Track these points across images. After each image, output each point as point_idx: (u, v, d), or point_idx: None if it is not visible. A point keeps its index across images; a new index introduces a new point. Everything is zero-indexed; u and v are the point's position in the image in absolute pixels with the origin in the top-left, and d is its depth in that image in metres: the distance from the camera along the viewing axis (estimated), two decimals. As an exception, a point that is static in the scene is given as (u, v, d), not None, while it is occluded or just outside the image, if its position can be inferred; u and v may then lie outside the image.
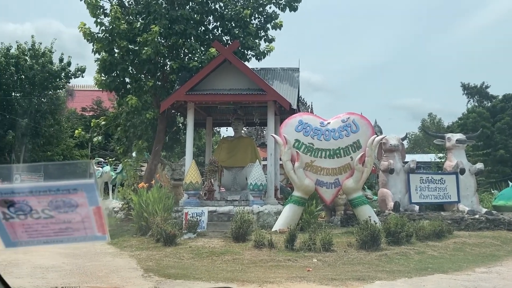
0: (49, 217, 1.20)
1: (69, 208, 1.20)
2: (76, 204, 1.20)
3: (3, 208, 1.15)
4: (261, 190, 12.84)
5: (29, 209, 1.17)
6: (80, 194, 1.18)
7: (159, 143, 15.30)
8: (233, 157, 14.98)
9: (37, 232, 1.23)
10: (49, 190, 1.15)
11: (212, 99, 13.32)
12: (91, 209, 1.22)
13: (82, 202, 1.19)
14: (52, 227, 1.23)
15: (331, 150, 11.70)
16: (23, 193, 1.15)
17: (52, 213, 1.19)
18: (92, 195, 1.20)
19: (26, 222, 1.20)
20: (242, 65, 13.33)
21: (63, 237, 1.26)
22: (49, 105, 37.85)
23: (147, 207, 11.32)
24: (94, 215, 1.24)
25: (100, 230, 1.26)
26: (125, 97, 14.06)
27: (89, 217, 1.23)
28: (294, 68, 15.44)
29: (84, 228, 1.25)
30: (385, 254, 8.67)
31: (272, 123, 13.57)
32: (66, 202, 1.19)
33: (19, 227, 1.20)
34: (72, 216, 1.22)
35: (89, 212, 1.22)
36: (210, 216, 12.31)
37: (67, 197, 1.17)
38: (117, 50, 13.88)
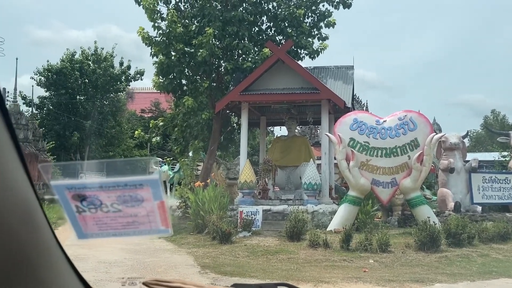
0: (117, 211, 1.25)
1: (136, 202, 1.24)
2: (142, 198, 1.24)
3: (76, 202, 1.22)
4: (316, 189, 12.78)
5: (99, 203, 1.23)
6: (146, 189, 1.22)
7: (215, 143, 15.60)
8: (287, 156, 15.01)
9: (106, 225, 1.28)
10: (118, 185, 1.21)
11: (265, 98, 13.42)
12: (156, 203, 1.26)
13: (148, 197, 1.23)
14: (120, 221, 1.28)
15: (388, 148, 11.43)
16: (94, 188, 1.22)
17: (120, 207, 1.24)
18: (157, 190, 1.23)
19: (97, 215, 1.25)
20: (295, 64, 13.33)
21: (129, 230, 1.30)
22: (110, 107, 39.65)
23: (203, 206, 11.59)
24: (158, 209, 1.27)
25: (163, 224, 1.30)
26: (182, 98, 14.46)
27: (154, 211, 1.27)
28: (348, 66, 15.23)
29: (149, 221, 1.28)
30: (445, 256, 8.37)
31: (326, 122, 13.47)
32: (133, 197, 1.23)
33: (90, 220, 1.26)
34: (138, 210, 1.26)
35: (154, 206, 1.26)
36: (265, 215, 12.41)
37: (134, 192, 1.22)
38: (174, 53, 14.30)
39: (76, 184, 1.20)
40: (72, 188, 1.19)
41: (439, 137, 11.84)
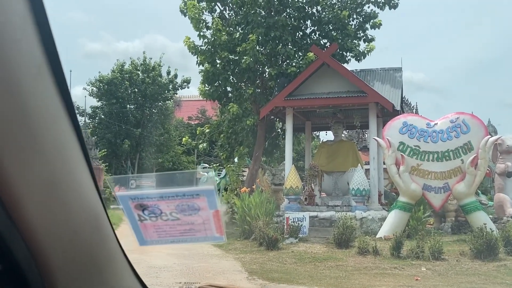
0: (176, 219, 1.32)
1: (193, 211, 1.31)
2: (199, 207, 1.30)
3: (138, 211, 1.29)
4: (364, 195, 12.50)
5: (159, 212, 1.30)
6: (202, 199, 1.28)
7: (260, 149, 15.62)
8: (333, 162, 14.78)
9: (165, 232, 1.35)
10: (176, 195, 1.28)
11: (310, 103, 13.30)
12: (211, 212, 1.32)
13: (204, 206, 1.30)
14: (178, 228, 1.35)
15: (439, 152, 11.01)
16: (155, 198, 1.28)
17: (178, 215, 1.31)
18: (212, 199, 1.29)
19: (157, 223, 1.32)
20: (341, 68, 13.13)
21: (187, 237, 1.36)
22: (159, 115, 40.73)
23: (249, 211, 11.60)
24: (213, 218, 1.33)
25: (218, 232, 1.37)
26: (227, 105, 14.60)
27: (209, 219, 1.33)
28: (396, 68, 14.83)
29: (205, 229, 1.35)
30: (504, 265, 7.91)
31: (374, 125, 13.17)
32: (190, 206, 1.30)
33: (150, 227, 1.33)
34: (195, 218, 1.32)
35: (209, 215, 1.32)
36: (311, 221, 12.26)
37: (191, 201, 1.28)
38: (219, 61, 14.47)
39: (138, 194, 1.27)
40: (135, 198, 1.26)
41: (495, 139, 11.28)
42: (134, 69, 38.87)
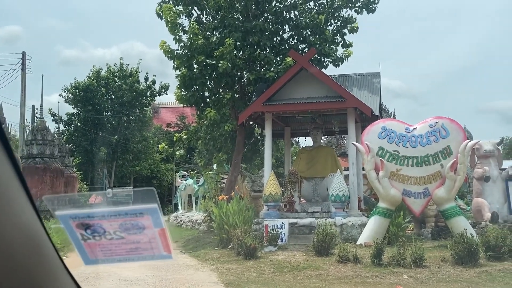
0: (120, 238, 1.33)
1: (137, 230, 1.32)
2: (143, 226, 1.31)
3: (80, 230, 1.29)
4: (344, 201, 12.32)
5: (103, 231, 1.31)
6: (146, 218, 1.29)
7: (238, 155, 15.33)
8: (312, 167, 14.60)
9: (110, 251, 1.36)
10: (119, 214, 1.29)
11: (289, 108, 13.11)
12: (156, 230, 1.33)
13: (148, 224, 1.30)
14: (123, 247, 1.35)
15: (419, 157, 10.91)
16: (97, 217, 1.29)
17: (123, 234, 1.32)
18: (157, 218, 1.30)
19: (101, 242, 1.33)
20: (319, 73, 12.99)
21: (133, 256, 1.38)
22: (136, 122, 40.05)
23: (227, 219, 11.28)
24: (159, 236, 1.34)
25: (166, 250, 1.38)
26: (205, 110, 14.29)
27: (155, 238, 1.34)
28: (374, 73, 14.79)
29: (152, 248, 1.36)
30: (485, 271, 7.78)
31: (353, 131, 13.04)
32: (134, 225, 1.30)
33: (95, 247, 1.34)
34: (140, 237, 1.33)
35: (155, 233, 1.33)
36: (291, 228, 12.01)
37: (134, 220, 1.29)
38: (196, 65, 14.17)
39: (79, 213, 1.28)
40: (76, 217, 1.28)
41: (474, 144, 11.25)
42: (110, 76, 38.20)
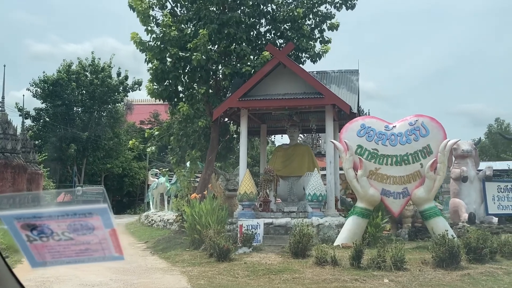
0: (69, 239, 1.29)
1: (87, 230, 1.28)
2: (93, 227, 1.28)
3: (26, 231, 1.25)
4: (321, 201, 11.94)
5: (50, 232, 1.27)
6: (96, 218, 1.26)
7: (213, 152, 14.79)
8: (289, 166, 14.20)
9: (59, 253, 1.31)
10: (67, 214, 1.24)
11: (266, 104, 12.64)
12: (107, 231, 1.30)
13: (98, 225, 1.27)
14: (72, 248, 1.31)
15: (398, 156, 10.61)
16: (44, 217, 1.24)
17: (71, 235, 1.28)
18: (107, 218, 1.26)
19: (49, 244, 1.28)
20: (297, 68, 12.57)
21: (83, 257, 1.33)
22: (108, 118, 38.91)
23: (200, 219, 10.74)
24: (110, 237, 1.31)
25: (117, 251, 1.36)
26: (177, 105, 13.68)
27: (106, 238, 1.31)
28: (352, 71, 14.47)
29: (102, 249, 1.32)
30: (467, 274, 7.49)
31: (330, 128, 12.67)
32: (83, 225, 1.27)
33: (42, 248, 1.29)
34: (90, 238, 1.29)
35: (105, 234, 1.31)
36: (266, 228, 11.55)
37: (84, 220, 1.26)
38: (169, 58, 13.55)
39: (24, 214, 1.26)
40: (21, 218, 1.26)
41: (454, 143, 11.02)
42: (81, 70, 36.99)
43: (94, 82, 36.70)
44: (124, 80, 38.58)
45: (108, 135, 38.71)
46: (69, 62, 37.26)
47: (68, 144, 36.36)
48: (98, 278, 7.54)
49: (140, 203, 40.21)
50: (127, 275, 7.97)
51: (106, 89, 37.04)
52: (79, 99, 37.46)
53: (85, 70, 37.32)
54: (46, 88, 35.68)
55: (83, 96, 37.52)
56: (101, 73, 37.25)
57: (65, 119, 36.87)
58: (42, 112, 36.69)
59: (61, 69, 36.55)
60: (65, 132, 36.39)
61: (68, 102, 36.33)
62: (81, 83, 36.62)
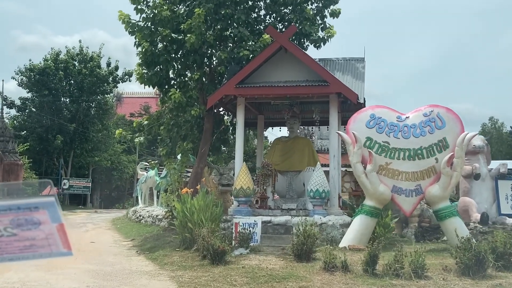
0: (12, 235, 1.20)
1: (32, 225, 1.20)
2: (39, 221, 1.20)
3: None
4: (324, 198, 10.96)
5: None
6: (42, 212, 1.20)
7: (206, 144, 13.74)
8: (288, 160, 13.19)
9: (1, 249, 1.23)
10: (10, 208, 1.17)
11: (265, 92, 11.60)
12: (54, 226, 1.23)
13: (45, 219, 1.21)
14: (16, 245, 1.23)
15: (411, 150, 9.64)
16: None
17: (15, 231, 1.20)
18: (54, 212, 1.20)
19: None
20: (300, 52, 11.54)
21: (28, 254, 1.25)
22: (97, 110, 37.57)
23: (191, 216, 9.70)
24: (58, 232, 1.25)
25: (65, 246, 1.29)
26: (169, 92, 12.60)
27: (53, 233, 1.24)
28: (358, 58, 13.48)
29: (49, 244, 1.25)
30: (499, 285, 6.54)
31: (335, 120, 11.68)
32: (28, 220, 1.19)
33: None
34: (36, 233, 1.22)
35: (53, 229, 1.23)
36: (264, 227, 10.55)
37: (29, 215, 1.18)
38: (160, 40, 12.46)
39: None
40: None
41: (472, 136, 10.06)
42: (70, 59, 35.57)
43: (83, 71, 35.35)
44: (114, 71, 37.27)
45: (97, 127, 37.41)
46: (57, 51, 35.87)
47: (55, 135, 34.98)
48: (73, 284, 6.48)
49: (129, 197, 39.02)
50: (108, 280, 6.90)
51: (95, 79, 35.70)
52: (67, 89, 36.10)
53: (73, 59, 35.94)
54: (32, 77, 34.25)
55: (71, 86, 36.17)
56: (90, 62, 35.89)
57: (52, 109, 35.48)
58: (28, 101, 35.26)
59: (48, 58, 35.13)
60: (52, 123, 35.03)
61: (55, 92, 34.95)
62: (69, 72, 35.25)
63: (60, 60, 35.18)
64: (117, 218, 22.48)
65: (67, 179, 35.77)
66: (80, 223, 19.55)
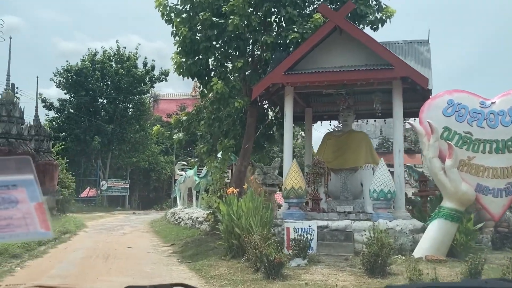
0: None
1: (9, 204, 1.19)
2: (16, 200, 1.19)
3: None
4: (389, 199, 9.48)
5: None
6: (20, 190, 1.19)
7: (249, 140, 12.50)
8: (342, 157, 11.77)
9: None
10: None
11: (319, 78, 10.21)
12: (33, 205, 1.22)
13: (23, 198, 1.20)
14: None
15: (499, 141, 8.07)
16: None
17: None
18: (33, 190, 1.20)
19: None
20: (359, 32, 10.10)
21: (4, 234, 1.22)
22: (134, 110, 37.12)
23: (239, 220, 8.46)
24: (36, 211, 1.23)
25: (43, 226, 1.24)
26: (210, 83, 11.44)
27: (31, 213, 1.22)
28: (421, 41, 11.88)
29: (26, 224, 1.22)
30: None
31: (399, 108, 10.14)
32: (5, 198, 1.18)
33: None
34: (13, 212, 1.20)
35: (31, 208, 1.22)
36: (320, 233, 9.19)
37: (5, 193, 1.17)
38: (199, 25, 11.30)
39: None
40: None
41: None
42: (106, 59, 35.25)
43: (119, 72, 34.96)
44: (151, 71, 36.73)
45: (134, 128, 36.96)
46: (93, 51, 35.65)
47: (92, 136, 34.75)
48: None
49: (167, 198, 38.41)
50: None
51: (131, 79, 35.25)
52: (104, 90, 35.81)
53: (110, 59, 35.62)
54: (70, 78, 34.12)
55: (108, 87, 35.87)
56: (127, 62, 35.47)
57: (89, 110, 35.29)
58: (66, 103, 35.15)
59: (85, 59, 34.94)
60: (90, 124, 34.81)
61: (92, 93, 34.70)
62: (106, 72, 34.95)
63: (97, 61, 34.93)
64: (155, 220, 21.64)
65: (105, 180, 35.47)
66: (117, 226, 18.75)
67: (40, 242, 10.78)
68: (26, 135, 14.80)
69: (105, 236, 14.59)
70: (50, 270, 7.57)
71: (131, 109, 37.24)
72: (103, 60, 35.11)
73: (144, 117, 38.41)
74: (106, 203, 35.70)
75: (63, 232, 13.90)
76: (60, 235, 13.31)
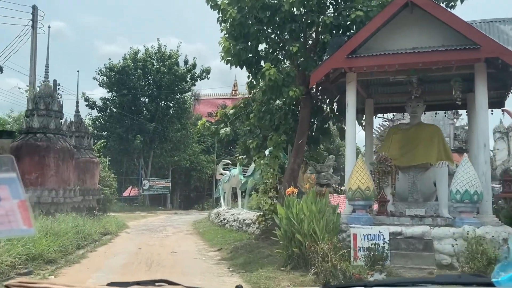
0: None
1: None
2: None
3: None
4: (476, 201, 8.02)
5: None
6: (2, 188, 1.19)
7: (303, 135, 11.32)
8: (410, 153, 10.35)
9: None
10: None
11: (388, 61, 8.84)
12: (15, 202, 1.22)
13: (5, 195, 1.20)
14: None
15: None
16: None
17: None
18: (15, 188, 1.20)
19: None
20: (437, 8, 8.68)
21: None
22: (176, 109, 36.64)
23: (300, 225, 7.26)
24: (18, 209, 1.23)
25: (25, 223, 1.24)
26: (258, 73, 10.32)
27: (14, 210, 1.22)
28: (504, 19, 10.31)
29: (9, 221, 1.22)
30: None
31: (484, 96, 8.64)
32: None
33: None
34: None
35: (13, 205, 1.21)
36: (393, 241, 7.87)
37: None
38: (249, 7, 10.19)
39: None
40: None
41: None
42: (148, 58, 34.92)
43: (161, 70, 34.56)
44: (192, 68, 36.14)
45: (176, 127, 36.48)
46: (135, 50, 35.42)
47: (135, 135, 34.53)
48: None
49: (208, 198, 37.73)
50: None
51: (173, 77, 34.78)
52: (146, 88, 35.49)
53: (151, 58, 35.28)
54: (112, 76, 34.00)
55: (149, 85, 35.51)
56: (168, 60, 35.02)
57: (132, 109, 35.07)
58: (108, 101, 35.06)
59: (127, 57, 34.73)
60: (132, 123, 34.56)
61: (134, 91, 34.45)
62: (147, 71, 34.62)
63: (138, 59, 34.65)
64: (198, 220, 20.79)
65: (147, 179, 35.16)
66: (159, 226, 17.99)
67: (79, 245, 9.99)
68: (66, 130, 14.17)
69: (147, 237, 13.77)
70: (86, 280, 6.64)
71: (172, 107, 36.80)
72: (144, 58, 34.81)
73: (185, 116, 37.88)
74: (147, 202, 35.39)
75: (103, 233, 13.16)
76: (100, 236, 12.57)
